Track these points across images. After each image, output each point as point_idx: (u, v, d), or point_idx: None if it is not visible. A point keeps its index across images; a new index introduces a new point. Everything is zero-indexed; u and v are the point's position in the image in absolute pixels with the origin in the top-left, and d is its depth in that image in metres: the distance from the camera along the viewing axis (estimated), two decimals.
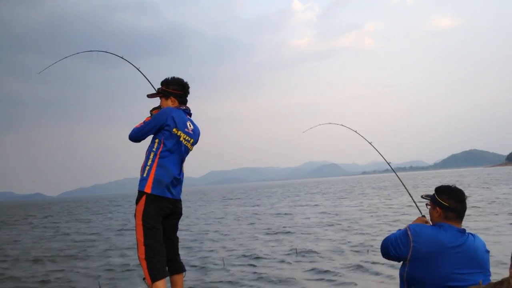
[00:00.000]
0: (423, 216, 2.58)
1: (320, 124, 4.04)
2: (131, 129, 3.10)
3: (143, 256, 2.81)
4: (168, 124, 2.95)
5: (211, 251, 9.05)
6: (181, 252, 3.34)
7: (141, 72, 3.74)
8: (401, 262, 2.35)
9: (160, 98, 3.20)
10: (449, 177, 55.81)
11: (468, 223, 9.70)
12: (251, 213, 18.99)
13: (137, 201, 2.91)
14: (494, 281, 1.68)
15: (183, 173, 3.14)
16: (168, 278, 3.02)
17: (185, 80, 3.20)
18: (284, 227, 12.46)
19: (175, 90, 3.13)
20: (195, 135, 3.15)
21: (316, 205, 21.29)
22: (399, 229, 2.49)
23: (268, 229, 12.24)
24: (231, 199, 36.61)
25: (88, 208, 38.98)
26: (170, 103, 3.14)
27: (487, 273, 2.21)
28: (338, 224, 12.12)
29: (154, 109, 3.23)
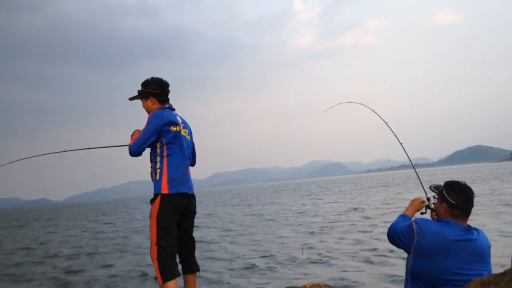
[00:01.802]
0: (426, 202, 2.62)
1: (340, 103, 4.21)
2: (129, 145, 3.09)
3: (155, 256, 2.88)
4: (163, 127, 3.02)
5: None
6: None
7: None
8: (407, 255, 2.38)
9: (141, 99, 3.26)
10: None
11: None
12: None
13: (152, 202, 3.00)
14: (497, 273, 1.73)
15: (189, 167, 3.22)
16: (180, 278, 3.07)
17: (164, 79, 3.25)
18: None
19: (153, 89, 3.18)
20: (187, 126, 3.25)
21: None
22: (401, 215, 2.53)
23: None
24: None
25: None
26: (150, 103, 3.20)
27: (488, 267, 2.23)
28: None
29: (135, 132, 3.21)
